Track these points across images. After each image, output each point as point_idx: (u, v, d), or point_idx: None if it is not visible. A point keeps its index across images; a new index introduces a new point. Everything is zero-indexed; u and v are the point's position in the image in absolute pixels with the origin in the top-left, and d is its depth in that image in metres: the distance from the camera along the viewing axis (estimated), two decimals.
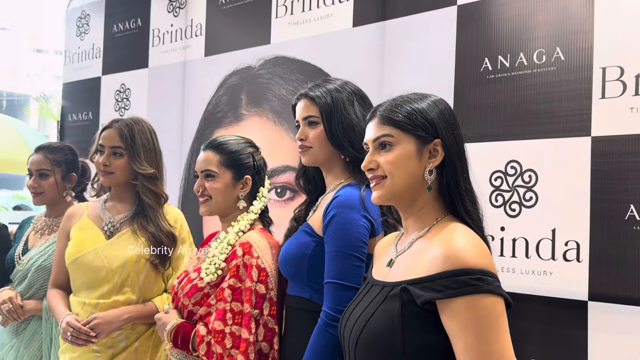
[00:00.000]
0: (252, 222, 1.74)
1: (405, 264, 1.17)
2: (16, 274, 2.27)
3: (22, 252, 2.31)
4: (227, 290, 1.59)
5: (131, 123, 2.01)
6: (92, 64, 3.66)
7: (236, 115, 2.86)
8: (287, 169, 2.62)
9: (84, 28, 3.75)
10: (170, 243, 1.99)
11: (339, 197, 1.46)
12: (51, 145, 2.42)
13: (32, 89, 20.13)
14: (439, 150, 1.17)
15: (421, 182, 1.18)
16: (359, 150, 1.52)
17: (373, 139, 1.22)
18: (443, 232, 1.12)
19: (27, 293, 2.24)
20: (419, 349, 1.05)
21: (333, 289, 1.40)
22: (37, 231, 2.37)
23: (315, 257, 1.49)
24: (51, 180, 2.33)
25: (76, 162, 2.44)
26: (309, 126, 1.59)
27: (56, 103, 14.25)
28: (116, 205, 2.05)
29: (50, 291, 2.08)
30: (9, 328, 2.27)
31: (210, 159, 1.73)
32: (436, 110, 1.19)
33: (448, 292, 1.02)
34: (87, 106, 3.66)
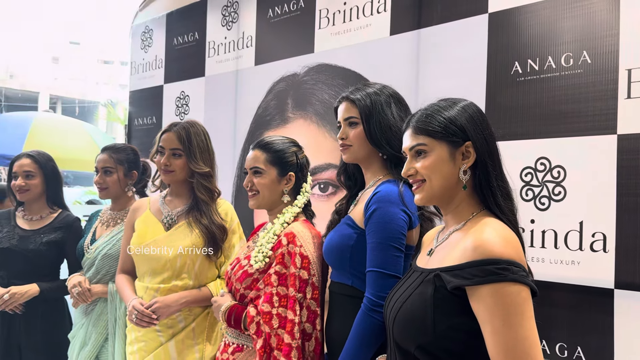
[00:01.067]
0: (296, 215, 1.76)
1: (441, 253, 1.19)
2: (85, 262, 2.34)
3: (90, 242, 2.38)
4: (274, 275, 1.63)
5: (187, 126, 2.05)
6: (155, 74, 3.75)
7: (283, 118, 2.89)
8: (329, 167, 2.64)
9: (147, 42, 3.84)
10: (222, 234, 2.02)
11: (379, 193, 1.47)
12: (115, 145, 2.48)
13: (100, 96, 20.68)
14: (470, 151, 1.18)
15: (457, 182, 1.19)
16: (396, 148, 1.53)
17: (409, 148, 1.25)
18: (476, 226, 1.13)
19: (94, 278, 2.30)
20: (447, 329, 1.07)
21: (375, 277, 1.41)
22: (103, 223, 2.43)
23: (357, 248, 1.50)
24: (114, 177, 2.38)
25: (137, 161, 2.49)
26: (349, 126, 1.61)
27: (122, 108, 14.69)
28: (174, 200, 2.10)
29: (119, 276, 2.15)
30: (80, 309, 2.34)
31: (258, 157, 1.77)
32: (465, 115, 1.19)
33: (475, 280, 1.03)
34: (151, 111, 3.76)
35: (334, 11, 2.68)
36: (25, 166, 2.50)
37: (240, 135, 3.13)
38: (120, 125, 15.41)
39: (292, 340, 1.55)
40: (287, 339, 1.55)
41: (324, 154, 2.65)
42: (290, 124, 2.85)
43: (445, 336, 1.07)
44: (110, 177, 2.39)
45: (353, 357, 1.40)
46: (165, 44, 3.69)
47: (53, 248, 2.46)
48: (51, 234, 2.48)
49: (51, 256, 2.45)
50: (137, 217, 2.12)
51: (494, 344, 1.01)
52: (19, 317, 2.40)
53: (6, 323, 2.41)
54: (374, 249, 1.43)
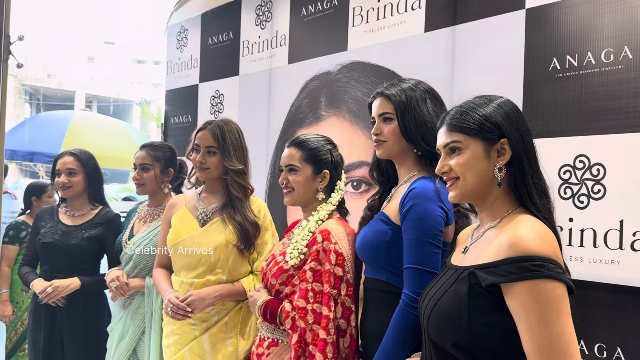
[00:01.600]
0: (331, 212, 1.78)
1: (476, 251, 1.19)
2: (123, 257, 2.40)
3: (128, 238, 2.43)
4: (309, 272, 1.64)
5: (222, 124, 2.08)
6: (190, 73, 3.80)
7: (316, 116, 2.91)
8: (362, 164, 2.64)
9: (183, 41, 3.90)
10: (254, 231, 2.05)
11: (415, 189, 1.47)
12: (153, 143, 2.54)
13: (134, 95, 21.02)
14: (506, 148, 1.17)
15: (492, 180, 1.19)
16: (431, 144, 1.53)
17: (443, 145, 1.24)
18: (511, 223, 1.13)
19: (132, 273, 2.35)
20: (483, 326, 1.07)
21: (413, 274, 1.42)
22: (140, 219, 2.48)
23: (392, 244, 1.51)
24: (151, 174, 2.43)
25: (174, 159, 2.54)
26: (384, 122, 1.61)
27: (155, 107, 14.94)
28: (209, 196, 2.14)
29: (156, 270, 2.20)
30: (118, 302, 2.40)
31: (293, 155, 1.78)
32: (501, 112, 1.19)
33: (510, 277, 1.03)
34: (186, 110, 3.82)
35: (367, 9, 2.68)
36: (68, 164, 2.58)
37: (273, 133, 3.17)
38: (154, 123, 15.70)
39: (327, 336, 1.56)
40: (322, 335, 1.57)
41: (357, 151, 2.65)
42: (323, 122, 2.87)
43: (481, 333, 1.06)
44: (148, 173, 2.43)
45: (391, 353, 1.40)
46: (200, 44, 3.74)
47: (94, 243, 2.53)
48: (92, 230, 2.56)
49: (92, 251, 2.53)
50: (173, 213, 2.17)
51: (529, 341, 1.00)
52: (61, 310, 2.48)
53: (49, 315, 2.50)
54: (412, 246, 1.43)
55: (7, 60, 2.97)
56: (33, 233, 2.64)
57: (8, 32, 2.96)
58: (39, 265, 2.63)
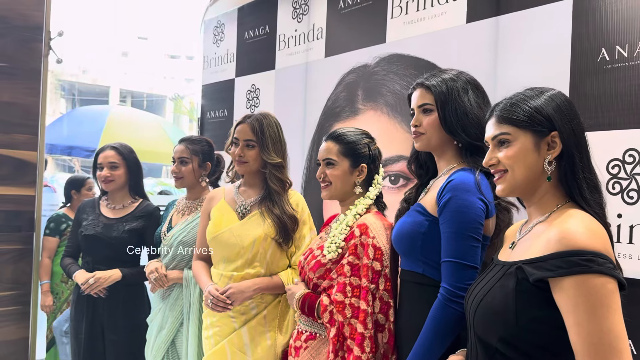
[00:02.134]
0: (368, 206, 1.79)
1: (524, 246, 1.18)
2: (162, 248, 2.46)
3: (167, 230, 2.49)
4: (347, 266, 1.66)
5: (261, 118, 2.10)
6: (226, 68, 3.85)
7: (353, 109, 2.92)
8: (400, 158, 2.64)
9: (219, 36, 3.94)
10: (293, 225, 2.07)
11: (454, 181, 1.46)
12: (192, 137, 2.58)
13: (167, 90, 21.27)
14: (557, 142, 1.16)
15: (541, 173, 1.18)
16: (472, 136, 1.53)
17: (492, 137, 1.24)
18: (561, 217, 1.13)
19: (170, 264, 2.41)
20: (530, 321, 1.07)
21: (452, 268, 1.41)
22: (179, 212, 2.54)
23: (428, 235, 1.51)
24: (189, 167, 2.48)
25: (212, 153, 2.58)
26: (423, 113, 1.60)
27: (188, 102, 15.17)
28: (247, 190, 2.17)
29: (195, 263, 2.25)
30: (157, 294, 2.46)
31: (331, 149, 1.80)
32: (552, 105, 1.18)
33: (559, 272, 1.02)
34: (222, 104, 3.87)
35: (407, 0, 2.67)
36: (109, 157, 2.66)
37: (309, 127, 3.19)
38: (187, 118, 15.94)
39: (365, 330, 1.58)
40: (360, 329, 1.58)
41: (395, 145, 2.65)
42: (360, 116, 2.87)
43: (528, 329, 1.07)
44: (186, 167, 2.48)
45: (429, 348, 1.41)
46: (237, 38, 3.78)
47: (134, 236, 2.60)
48: (133, 223, 2.63)
49: (132, 243, 2.60)
50: (212, 205, 2.21)
51: (577, 337, 1.00)
52: (102, 301, 2.56)
53: (91, 306, 2.58)
54: (451, 239, 1.43)
55: (48, 55, 3.07)
56: (75, 225, 2.73)
57: (49, 27, 3.05)
58: (81, 256, 2.72)
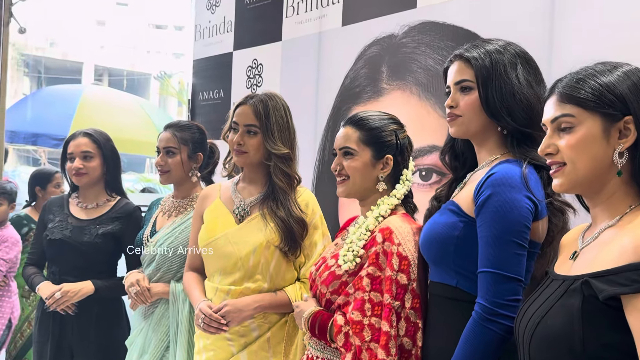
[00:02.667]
0: (394, 207, 1.80)
1: (590, 255, 1.17)
2: (144, 257, 2.47)
3: (150, 235, 2.50)
4: (366, 279, 1.66)
5: (266, 99, 2.11)
6: (223, 39, 3.87)
7: (376, 89, 2.92)
8: (434, 149, 2.64)
9: (214, 0, 3.96)
10: (301, 230, 2.08)
11: (496, 175, 1.47)
12: (180, 123, 2.60)
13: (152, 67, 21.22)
14: (630, 128, 1.15)
15: (609, 167, 1.17)
16: (519, 121, 1.54)
17: (551, 120, 1.22)
18: (635, 221, 1.11)
19: (154, 276, 2.42)
20: (601, 349, 1.05)
21: (490, 280, 1.42)
22: (164, 213, 2.55)
23: (463, 239, 1.52)
24: (177, 159, 2.49)
25: (204, 142, 2.59)
26: (461, 92, 1.61)
27: (178, 81, 15.22)
28: (247, 187, 2.19)
29: (186, 274, 2.27)
30: (138, 312, 2.47)
31: (350, 135, 1.81)
32: (628, 83, 1.16)
33: (635, 286, 1.01)
34: (218, 84, 3.88)
35: None
36: (82, 146, 2.68)
37: (323, 111, 3.18)
38: (176, 100, 16.01)
39: (387, 357, 1.57)
40: (381, 355, 1.58)
41: (427, 133, 2.65)
42: (384, 97, 2.87)
43: (598, 357, 1.05)
44: (173, 158, 2.49)
45: None
46: (236, 3, 3.78)
47: (110, 241, 2.63)
48: (108, 225, 2.65)
49: (108, 250, 2.63)
50: (206, 206, 2.22)
51: None
52: (71, 319, 2.58)
53: (57, 325, 2.59)
54: (489, 245, 1.44)
55: (8, 24, 3.08)
56: (39, 228, 2.75)
57: None
58: (47, 266, 2.75)
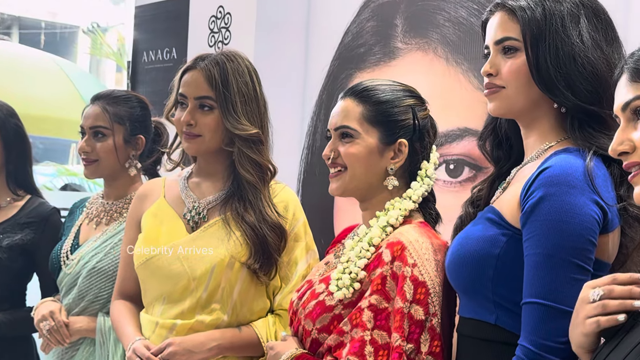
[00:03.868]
0: (409, 213, 1.81)
1: None
2: (63, 279, 2.47)
3: (70, 249, 2.50)
4: (368, 312, 1.67)
5: (223, 61, 2.13)
6: None
7: (387, 50, 2.92)
8: (466, 134, 2.66)
9: None
10: (277, 241, 2.10)
11: (550, 170, 1.48)
12: (113, 94, 2.61)
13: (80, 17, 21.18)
14: None
15: None
16: (581, 95, 1.54)
17: (622, 106, 1.25)
18: None
19: (76, 306, 2.44)
20: None
21: (538, 314, 1.43)
22: (91, 219, 2.56)
23: (507, 260, 1.52)
24: (109, 143, 2.51)
25: (146, 120, 2.61)
26: (504, 54, 1.62)
27: (116, 36, 15.17)
28: (203, 182, 2.21)
29: (115, 304, 2.27)
30: (54, 354, 2.47)
31: (350, 111, 1.82)
32: None
33: None
34: (169, 40, 3.88)
35: None
36: None
37: (313, 80, 3.19)
38: (113, 62, 15.95)
39: None
40: None
41: (457, 111, 2.67)
42: (399, 60, 2.88)
43: None
44: (103, 142, 2.50)
45: None
46: None
47: (17, 256, 2.63)
48: (15, 234, 2.66)
49: (14, 269, 2.63)
50: (145, 208, 2.23)
51: None
52: None
53: None
54: (538, 267, 1.45)
55: None
56: None
57: None
58: None
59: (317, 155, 3.11)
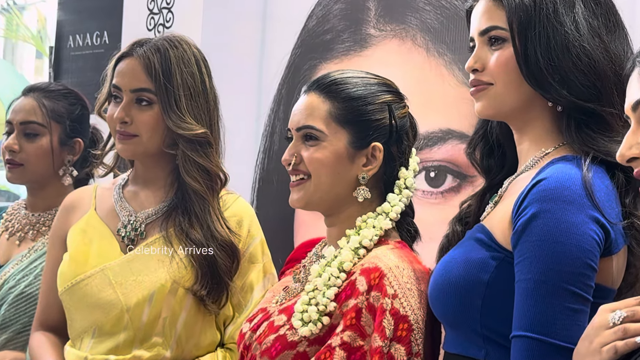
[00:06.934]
0: (385, 231, 1.80)
1: None
2: None
3: None
4: (340, 351, 1.66)
5: (164, 47, 2.11)
6: None
7: (358, 37, 2.94)
8: (449, 136, 2.67)
9: None
10: (228, 262, 2.09)
11: (545, 182, 1.49)
12: (50, 87, 2.60)
13: None
14: None
15: None
16: (577, 90, 1.55)
17: (633, 106, 1.28)
18: None
19: None
20: None
21: (528, 349, 1.44)
22: (12, 234, 2.54)
23: (497, 287, 1.53)
24: (42, 144, 2.50)
25: (86, 122, 2.61)
26: (490, 46, 1.63)
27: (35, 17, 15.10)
28: (141, 192, 2.19)
29: (35, 336, 2.23)
30: None
31: (315, 108, 1.82)
32: None
33: None
34: (99, 22, 3.88)
35: None
36: None
37: (271, 71, 3.20)
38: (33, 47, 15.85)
39: None
40: None
41: (440, 110, 2.69)
42: (372, 50, 2.90)
43: None
44: (35, 142, 2.51)
45: None
46: None
47: None
48: None
49: None
50: (72, 223, 2.20)
51: None
52: None
53: None
54: (530, 294, 1.46)
55: None
56: None
57: None
58: None
59: (275, 160, 3.11)
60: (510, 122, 1.67)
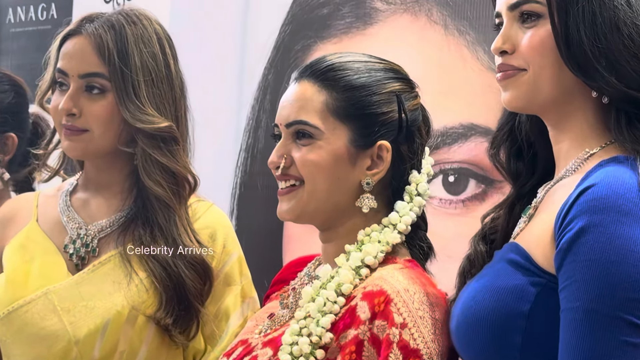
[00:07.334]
0: (392, 248, 1.80)
1: None
2: None
3: None
4: None
5: (120, 24, 2.12)
6: None
7: (362, 11, 2.95)
8: (472, 132, 2.68)
9: None
10: (199, 283, 2.11)
11: (594, 190, 1.48)
12: None
13: None
14: None
15: None
16: (628, 78, 1.54)
17: None
18: None
19: None
20: None
21: None
22: None
23: (539, 320, 1.53)
24: None
25: (22, 112, 2.64)
26: (522, 23, 1.63)
27: None
28: (93, 199, 2.20)
29: None
30: None
31: (309, 99, 1.81)
32: None
33: None
34: None
35: None
36: None
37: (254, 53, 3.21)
38: None
39: None
40: None
41: (460, 101, 2.70)
42: (378, 27, 2.91)
43: None
44: None
45: None
46: None
47: None
48: None
49: None
50: (9, 237, 2.20)
51: None
52: None
53: None
54: (577, 326, 1.44)
55: None
56: None
57: None
58: None
59: (260, 161, 3.12)
60: (545, 116, 1.67)
